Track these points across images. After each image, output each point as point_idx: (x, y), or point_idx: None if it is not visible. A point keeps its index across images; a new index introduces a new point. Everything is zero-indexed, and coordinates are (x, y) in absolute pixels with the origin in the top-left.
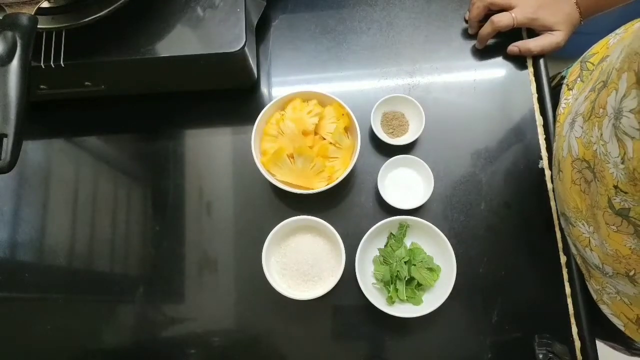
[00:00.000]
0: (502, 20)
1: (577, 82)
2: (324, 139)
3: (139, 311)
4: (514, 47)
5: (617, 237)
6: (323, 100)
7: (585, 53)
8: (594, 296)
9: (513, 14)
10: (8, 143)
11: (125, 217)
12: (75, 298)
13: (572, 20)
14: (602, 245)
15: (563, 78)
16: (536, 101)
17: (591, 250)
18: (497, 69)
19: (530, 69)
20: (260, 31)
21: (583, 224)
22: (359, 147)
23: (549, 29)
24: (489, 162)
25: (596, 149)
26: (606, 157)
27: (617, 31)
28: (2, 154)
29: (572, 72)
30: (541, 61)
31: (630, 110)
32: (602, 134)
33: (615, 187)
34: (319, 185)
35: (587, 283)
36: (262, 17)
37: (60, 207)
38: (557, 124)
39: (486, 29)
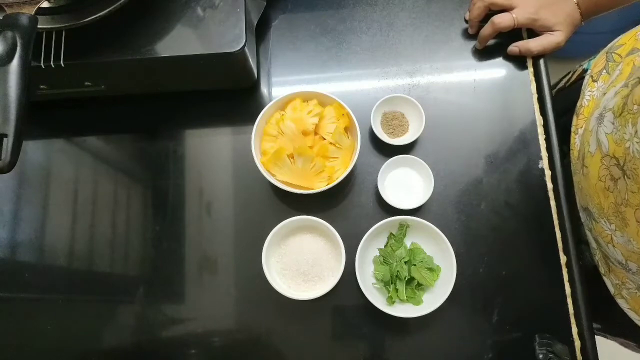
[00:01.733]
0: (502, 21)
1: (603, 73)
2: (324, 139)
3: (139, 311)
4: (514, 48)
5: None
6: (323, 100)
7: (611, 44)
8: (612, 290)
9: (514, 15)
10: (8, 143)
11: (125, 217)
12: (75, 298)
13: (573, 20)
14: (629, 243)
15: (585, 71)
16: (536, 101)
17: (614, 246)
18: (497, 69)
19: (530, 69)
20: (260, 31)
21: (605, 222)
22: (359, 147)
23: (549, 29)
24: (489, 162)
25: (629, 146)
26: None
27: None
28: (2, 154)
29: (597, 63)
30: (541, 61)
31: None
32: (637, 131)
33: None
34: (319, 185)
35: (604, 278)
36: (262, 17)
37: (60, 207)
38: (581, 117)
39: (487, 29)
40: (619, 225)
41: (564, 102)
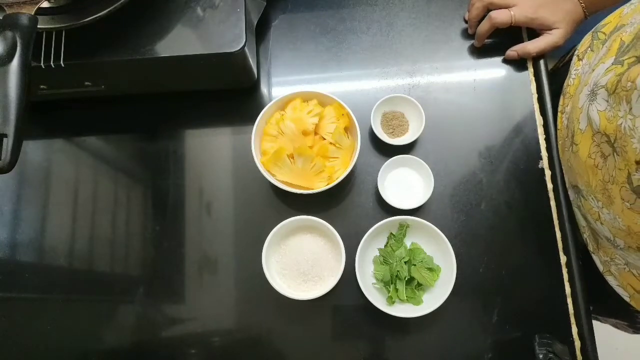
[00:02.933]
0: (499, 16)
1: (588, 52)
2: (324, 139)
3: (139, 311)
4: (512, 52)
5: (630, 214)
6: (323, 100)
7: (597, 24)
8: (601, 268)
9: (512, 12)
10: (8, 143)
11: (125, 217)
12: (75, 298)
13: (574, 16)
14: (615, 220)
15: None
16: (536, 101)
17: (601, 223)
18: (497, 69)
19: (531, 69)
20: (260, 31)
21: (593, 199)
22: (359, 147)
23: (548, 28)
24: (489, 162)
25: (621, 123)
26: (632, 131)
27: (633, 1)
28: (2, 154)
29: (584, 42)
30: (541, 62)
31: None
32: (631, 109)
33: (638, 162)
34: (319, 185)
35: (593, 256)
36: (262, 17)
37: (60, 207)
38: (567, 96)
39: (484, 25)
40: (605, 202)
41: (555, 85)
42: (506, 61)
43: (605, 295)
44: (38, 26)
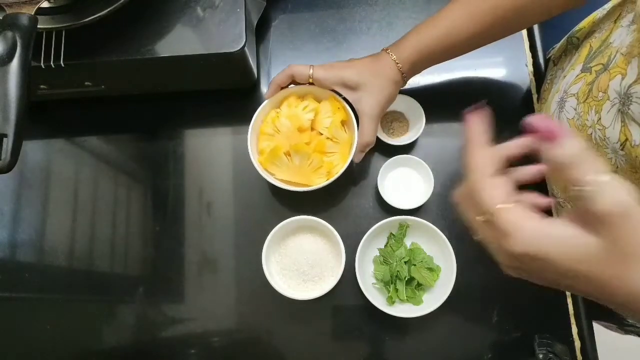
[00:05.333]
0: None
1: (562, 57)
2: (321, 134)
3: (139, 311)
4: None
5: None
6: (318, 95)
7: (572, 29)
8: None
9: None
10: (8, 143)
11: (125, 217)
12: (75, 298)
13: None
14: None
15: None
16: (536, 101)
17: None
18: (497, 69)
19: (531, 69)
20: (260, 31)
21: (568, 207)
22: (356, 140)
23: (354, 91)
24: None
25: (591, 133)
26: (604, 142)
27: (606, 6)
28: (2, 154)
29: (559, 47)
30: (541, 61)
31: None
32: (600, 119)
33: (614, 172)
34: (318, 182)
35: None
36: (262, 17)
37: (60, 207)
38: (542, 101)
39: (279, 75)
40: None
41: None
42: (507, 58)
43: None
44: (38, 26)
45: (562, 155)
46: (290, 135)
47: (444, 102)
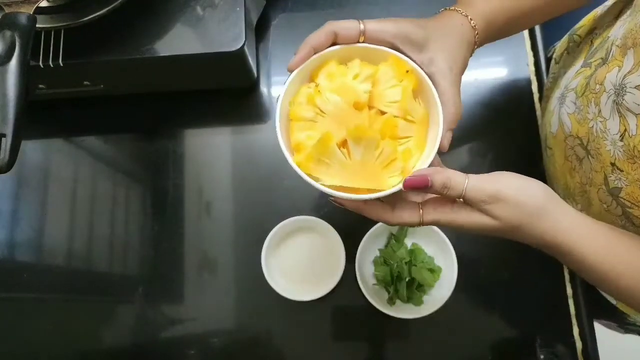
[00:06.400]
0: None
1: (564, 54)
2: (383, 112)
3: (139, 311)
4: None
5: (608, 216)
6: (371, 58)
7: (573, 26)
8: None
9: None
10: (7, 143)
11: (125, 217)
12: (74, 298)
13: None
14: None
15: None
16: (537, 101)
17: None
18: (497, 69)
19: (532, 68)
20: (260, 30)
21: (571, 201)
22: (441, 115)
23: (422, 50)
24: (490, 162)
25: (592, 126)
26: (604, 133)
27: (606, 3)
28: (1, 153)
29: (561, 45)
30: (542, 61)
31: (636, 87)
32: (600, 111)
33: (612, 164)
34: (392, 182)
35: None
36: (262, 16)
37: (59, 207)
38: (545, 99)
39: (315, 35)
40: (584, 205)
41: None
42: (507, 58)
43: (598, 298)
44: (37, 25)
45: (437, 189)
46: (344, 117)
47: None
